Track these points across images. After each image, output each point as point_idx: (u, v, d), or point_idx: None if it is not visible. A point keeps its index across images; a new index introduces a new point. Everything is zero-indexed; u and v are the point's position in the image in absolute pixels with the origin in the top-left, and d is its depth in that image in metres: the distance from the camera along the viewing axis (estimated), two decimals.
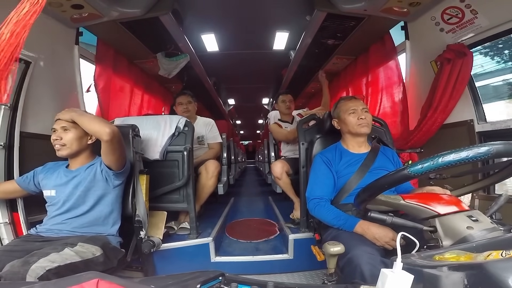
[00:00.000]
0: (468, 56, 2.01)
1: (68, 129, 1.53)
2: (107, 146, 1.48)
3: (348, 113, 1.64)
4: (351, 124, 1.63)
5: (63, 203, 1.54)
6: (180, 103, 2.89)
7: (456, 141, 2.19)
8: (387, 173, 0.91)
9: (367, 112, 1.64)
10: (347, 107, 1.65)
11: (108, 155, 1.52)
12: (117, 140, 1.49)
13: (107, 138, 1.43)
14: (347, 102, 1.68)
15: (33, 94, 1.94)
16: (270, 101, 8.03)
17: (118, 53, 3.17)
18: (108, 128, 1.43)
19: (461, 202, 0.93)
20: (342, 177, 1.58)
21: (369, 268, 1.01)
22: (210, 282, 0.63)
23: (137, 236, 1.80)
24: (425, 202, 0.94)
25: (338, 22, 2.81)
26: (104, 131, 1.42)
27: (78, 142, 1.56)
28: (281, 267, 2.20)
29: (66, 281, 0.48)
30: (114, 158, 1.54)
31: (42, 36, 2.05)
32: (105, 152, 1.51)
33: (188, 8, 2.90)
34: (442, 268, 0.52)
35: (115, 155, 1.53)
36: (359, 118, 1.60)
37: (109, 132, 1.42)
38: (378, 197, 0.98)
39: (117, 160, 1.56)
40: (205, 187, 2.51)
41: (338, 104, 1.73)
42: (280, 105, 3.11)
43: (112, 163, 1.55)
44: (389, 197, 1.00)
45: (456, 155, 0.75)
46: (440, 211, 0.90)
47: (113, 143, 1.47)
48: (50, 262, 1.16)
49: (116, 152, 1.53)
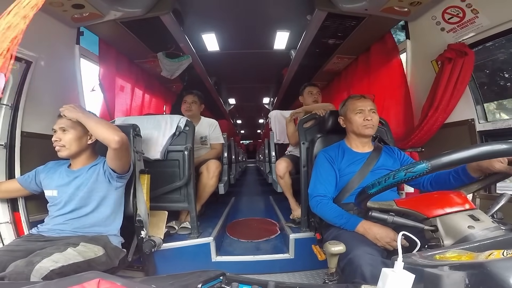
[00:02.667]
0: (469, 55, 2.01)
1: (66, 130, 1.52)
2: (114, 153, 1.46)
3: (355, 113, 1.62)
4: (356, 124, 1.62)
5: (65, 203, 1.54)
6: (185, 101, 2.94)
7: (457, 141, 2.19)
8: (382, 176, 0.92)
9: (375, 113, 1.63)
10: (355, 106, 1.63)
11: (114, 160, 1.51)
12: (125, 148, 1.47)
13: (115, 146, 1.40)
14: (355, 101, 1.66)
15: (34, 93, 1.95)
16: (270, 101, 8.02)
17: (119, 53, 3.18)
18: (117, 136, 1.39)
19: (467, 200, 0.93)
20: (344, 176, 1.58)
21: (370, 269, 1.01)
22: (211, 281, 0.63)
23: (138, 235, 1.80)
24: (416, 207, 0.95)
25: (338, 22, 2.80)
26: (113, 139, 1.39)
27: (77, 142, 1.55)
28: (282, 266, 2.21)
29: (68, 281, 0.48)
30: (120, 164, 1.54)
31: (43, 35, 2.05)
32: (111, 157, 1.49)
33: (188, 7, 2.90)
34: (443, 267, 0.52)
35: (122, 161, 1.53)
36: (365, 119, 1.59)
37: (118, 141, 1.39)
38: (370, 205, 1.00)
39: (123, 166, 1.56)
40: (206, 186, 2.51)
41: (347, 102, 1.71)
42: (306, 97, 2.99)
43: (117, 167, 1.54)
44: (383, 203, 1.01)
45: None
46: (430, 214, 0.91)
47: (122, 150, 1.46)
48: (54, 262, 1.16)
49: (123, 158, 1.52)
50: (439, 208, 0.91)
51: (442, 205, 0.93)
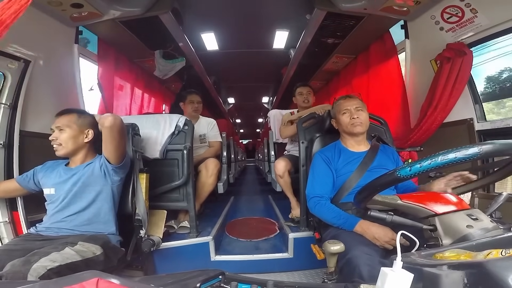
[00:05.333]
0: (468, 55, 2.01)
1: (63, 129, 1.56)
2: (108, 134, 1.51)
3: (341, 113, 1.66)
4: (344, 124, 1.65)
5: (62, 200, 1.54)
6: (191, 101, 2.94)
7: (456, 140, 2.19)
8: (378, 176, 0.91)
9: (361, 111, 1.64)
10: (341, 107, 1.67)
11: (107, 144, 1.54)
12: (118, 129, 1.52)
13: (108, 124, 1.47)
14: (342, 102, 1.70)
15: (33, 93, 1.94)
16: (269, 100, 8.02)
17: (119, 52, 3.18)
18: (111, 116, 1.48)
19: (462, 201, 0.93)
20: (341, 176, 1.58)
21: (368, 269, 1.01)
22: (210, 281, 0.63)
23: (137, 235, 1.80)
24: (422, 202, 0.94)
25: (338, 21, 2.81)
26: (106, 117, 1.49)
27: (73, 141, 1.57)
28: (281, 266, 2.20)
29: (66, 280, 0.48)
30: (113, 147, 1.55)
31: (42, 35, 2.04)
32: (106, 140, 1.54)
33: (188, 7, 2.89)
34: (442, 267, 0.52)
35: (114, 143, 1.55)
36: (351, 118, 1.62)
37: (111, 119, 1.48)
38: (375, 198, 0.98)
39: (116, 150, 1.57)
40: (205, 185, 2.51)
41: (335, 104, 1.75)
42: (297, 98, 2.99)
43: (111, 154, 1.56)
44: (386, 197, 1.00)
45: (444, 156, 0.75)
46: (438, 210, 0.90)
47: (114, 131, 1.50)
48: (51, 262, 1.16)
49: (115, 140, 1.54)
50: (447, 204, 0.91)
51: (448, 202, 0.92)
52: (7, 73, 1.82)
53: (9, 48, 1.79)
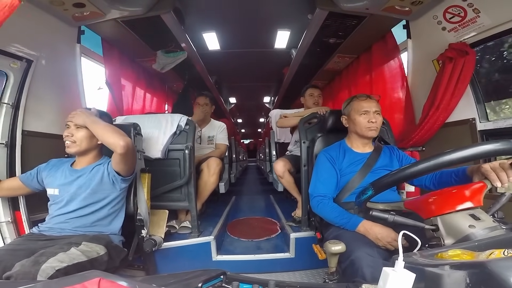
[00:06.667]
0: (470, 55, 2.00)
1: (80, 127, 1.53)
2: (120, 158, 1.48)
3: (359, 114, 1.61)
4: (360, 126, 1.60)
5: (66, 202, 1.53)
6: (198, 103, 3.09)
7: (458, 140, 2.18)
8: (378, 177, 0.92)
9: (379, 115, 1.61)
10: (360, 107, 1.61)
11: (119, 164, 1.52)
12: (131, 153, 1.49)
13: (121, 151, 1.42)
14: (361, 102, 1.63)
15: (35, 92, 1.95)
16: (271, 100, 8.01)
17: (121, 52, 3.19)
18: (123, 141, 1.41)
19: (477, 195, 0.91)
20: (345, 176, 1.58)
21: (371, 271, 1.01)
22: (211, 280, 0.63)
23: (139, 235, 1.80)
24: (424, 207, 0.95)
25: (339, 21, 2.80)
26: (118, 144, 1.41)
27: (88, 140, 1.56)
28: (283, 265, 2.21)
29: (69, 280, 0.48)
30: (125, 168, 1.55)
31: (44, 34, 2.05)
32: (117, 162, 1.51)
33: (189, 6, 2.89)
34: (444, 266, 0.52)
35: (127, 165, 1.54)
36: (369, 121, 1.58)
37: (123, 146, 1.41)
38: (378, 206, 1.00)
39: (128, 169, 1.57)
40: (207, 184, 2.52)
41: (351, 101, 1.68)
42: (307, 98, 2.96)
43: (122, 171, 1.55)
44: (389, 205, 1.01)
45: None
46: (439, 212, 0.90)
47: (127, 155, 1.47)
48: (59, 262, 1.16)
49: (128, 163, 1.53)
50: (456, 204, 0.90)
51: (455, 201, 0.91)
52: (10, 73, 1.83)
53: (11, 47, 1.80)
